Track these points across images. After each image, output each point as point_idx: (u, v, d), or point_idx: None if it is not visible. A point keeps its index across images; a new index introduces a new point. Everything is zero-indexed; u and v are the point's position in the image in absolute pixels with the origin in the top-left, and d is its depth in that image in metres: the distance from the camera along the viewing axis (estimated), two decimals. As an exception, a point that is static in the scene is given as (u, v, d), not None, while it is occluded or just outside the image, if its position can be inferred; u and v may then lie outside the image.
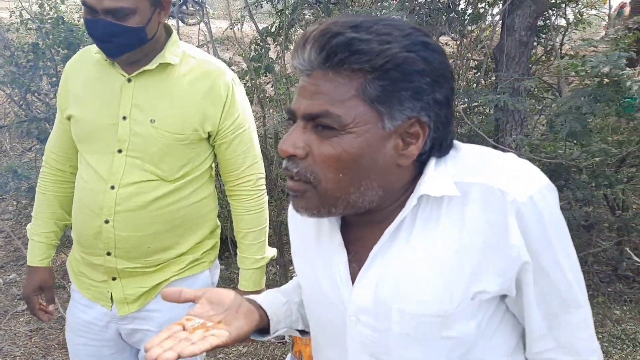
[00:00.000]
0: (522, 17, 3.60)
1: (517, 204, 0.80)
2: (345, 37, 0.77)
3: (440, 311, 0.82)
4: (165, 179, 1.52)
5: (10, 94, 4.36)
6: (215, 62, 1.59)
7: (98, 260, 1.56)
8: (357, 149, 0.79)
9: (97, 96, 1.51)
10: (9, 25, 4.52)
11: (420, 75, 0.79)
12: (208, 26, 3.85)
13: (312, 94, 0.80)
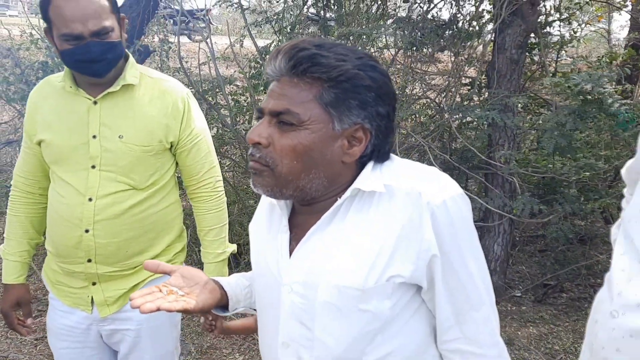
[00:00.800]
0: (512, 36, 3.71)
1: (431, 205, 0.96)
2: (309, 51, 0.95)
3: (359, 285, 0.97)
4: (136, 187, 1.66)
5: (20, 110, 4.51)
6: (169, 80, 1.75)
7: (79, 268, 1.67)
8: (310, 142, 0.97)
9: (66, 120, 1.64)
10: (20, 45, 4.67)
11: (367, 90, 0.97)
12: (210, 45, 3.99)
13: (279, 96, 0.98)
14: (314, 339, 1.02)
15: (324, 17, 4.47)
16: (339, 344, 1.00)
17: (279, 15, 4.29)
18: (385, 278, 0.97)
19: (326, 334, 1.00)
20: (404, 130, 4.13)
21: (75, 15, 1.48)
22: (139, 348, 1.76)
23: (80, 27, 1.49)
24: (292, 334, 1.04)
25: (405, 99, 4.16)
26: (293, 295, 1.02)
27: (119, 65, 1.63)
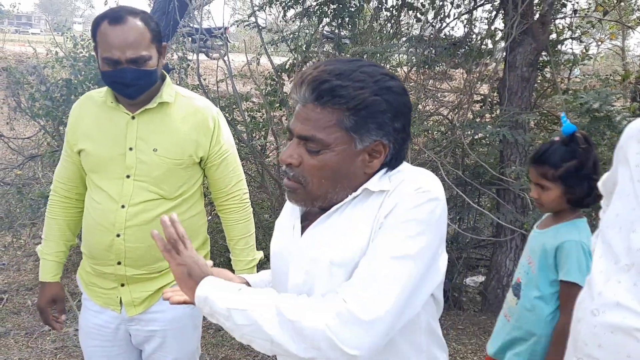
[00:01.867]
0: (523, 54, 3.78)
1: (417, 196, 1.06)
2: (330, 84, 1.05)
3: (343, 261, 1.08)
4: (166, 197, 1.78)
5: (44, 125, 4.66)
6: (201, 99, 1.87)
7: (109, 270, 1.79)
8: (335, 162, 1.09)
9: (106, 132, 1.77)
10: (45, 63, 4.85)
11: (383, 113, 1.08)
12: (227, 63, 4.12)
13: (304, 120, 1.09)
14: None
15: (338, 36, 4.58)
16: None
17: (294, 34, 4.41)
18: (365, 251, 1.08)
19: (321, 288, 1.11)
20: (416, 146, 4.20)
21: (116, 42, 1.62)
22: (163, 348, 1.86)
23: (119, 53, 1.63)
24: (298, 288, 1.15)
25: (417, 116, 4.23)
26: (300, 272, 1.14)
27: (156, 85, 1.75)
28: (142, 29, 1.65)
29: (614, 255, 1.02)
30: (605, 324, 0.99)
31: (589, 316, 1.02)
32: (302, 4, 4.43)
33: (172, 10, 4.69)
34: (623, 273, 1.00)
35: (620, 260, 1.00)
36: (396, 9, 4.76)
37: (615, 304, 0.98)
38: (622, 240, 1.01)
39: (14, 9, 17.72)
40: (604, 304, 1.00)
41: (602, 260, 1.04)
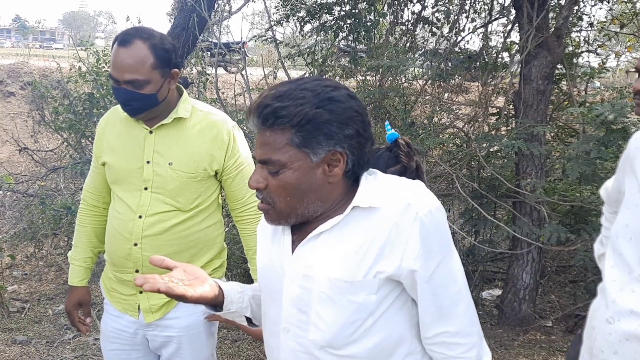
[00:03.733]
0: (538, 67, 3.79)
1: (420, 215, 1.11)
2: (271, 107, 1.10)
3: (349, 279, 1.13)
4: (181, 209, 1.84)
5: (67, 138, 4.78)
6: (218, 113, 1.92)
7: (128, 277, 1.86)
8: (296, 179, 1.13)
9: (126, 146, 1.85)
10: (68, 77, 4.98)
11: (328, 123, 1.11)
12: (245, 77, 4.20)
13: (261, 144, 1.14)
14: (309, 323, 1.17)
15: (354, 49, 4.64)
16: (329, 328, 1.15)
17: (310, 49, 4.48)
18: (372, 274, 1.12)
19: (319, 318, 1.16)
20: (432, 159, 4.22)
21: (117, 63, 1.70)
22: (179, 353, 1.91)
23: (117, 74, 1.71)
24: (291, 319, 1.19)
25: (432, 128, 4.26)
26: (294, 286, 1.18)
27: (170, 101, 1.81)
28: (144, 54, 1.69)
29: (626, 265, 1.04)
30: (620, 331, 1.01)
31: (604, 324, 1.05)
32: (318, 19, 4.50)
33: (191, 26, 4.80)
34: (636, 282, 1.02)
35: (634, 270, 1.03)
36: (412, 23, 4.81)
37: (630, 312, 1.01)
38: (634, 250, 1.03)
39: (39, 25, 18.16)
40: (619, 312, 1.02)
41: (615, 270, 1.06)
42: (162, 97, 1.77)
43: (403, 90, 4.45)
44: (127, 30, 1.79)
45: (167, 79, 1.77)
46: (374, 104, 4.41)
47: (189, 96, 1.92)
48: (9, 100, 9.32)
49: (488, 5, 4.69)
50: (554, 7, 4.03)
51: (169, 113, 1.82)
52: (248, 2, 5.12)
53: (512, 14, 4.38)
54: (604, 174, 3.07)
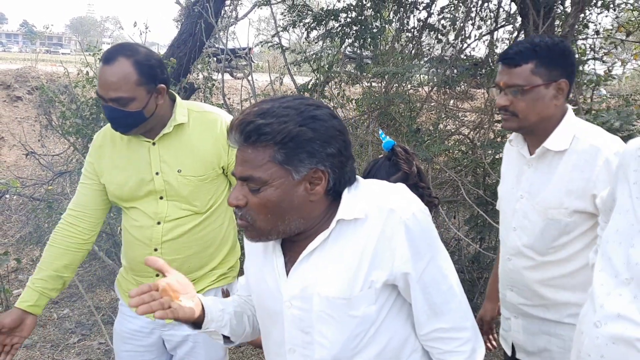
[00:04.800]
0: (544, 75, 3.78)
1: (403, 219, 1.13)
2: (255, 124, 1.09)
3: (347, 295, 1.14)
4: (198, 212, 1.86)
5: (74, 142, 4.80)
6: (213, 110, 1.92)
7: (149, 281, 1.85)
8: (277, 197, 1.12)
9: (132, 162, 1.84)
10: (76, 82, 5.01)
11: (311, 142, 1.10)
12: (251, 83, 4.22)
13: (242, 161, 1.13)
14: (313, 343, 1.18)
15: (360, 56, 4.66)
16: (334, 345, 1.17)
17: (316, 55, 4.50)
18: (368, 285, 1.14)
19: (323, 337, 1.17)
20: (437, 166, 4.22)
21: (102, 81, 1.70)
22: (194, 352, 1.93)
23: (102, 91, 1.71)
24: (295, 340, 1.20)
25: (438, 135, 4.26)
26: (293, 309, 1.19)
27: (161, 112, 1.79)
28: (127, 72, 1.68)
29: (613, 269, 1.05)
30: (607, 335, 1.02)
31: (591, 328, 1.06)
32: (325, 25, 4.52)
33: (198, 32, 4.83)
34: (624, 286, 1.03)
35: (621, 274, 1.04)
36: (417, 30, 4.82)
37: (617, 315, 1.01)
38: (622, 255, 1.04)
39: (47, 30, 18.32)
40: (606, 316, 1.03)
41: (603, 274, 1.08)
42: (150, 113, 1.75)
43: (409, 96, 4.46)
44: (112, 47, 1.78)
45: (154, 95, 1.75)
46: (379, 110, 4.42)
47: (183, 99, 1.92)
48: (16, 105, 9.38)
49: (494, 12, 4.70)
50: (559, 15, 4.04)
51: (165, 123, 1.82)
52: (255, 9, 5.15)
53: (518, 22, 4.39)
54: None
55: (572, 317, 1.66)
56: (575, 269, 1.65)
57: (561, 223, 1.62)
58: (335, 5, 4.68)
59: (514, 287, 1.79)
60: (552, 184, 1.64)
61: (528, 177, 1.71)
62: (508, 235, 1.77)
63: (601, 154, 1.55)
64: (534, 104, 1.61)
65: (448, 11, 4.64)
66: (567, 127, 1.64)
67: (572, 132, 1.63)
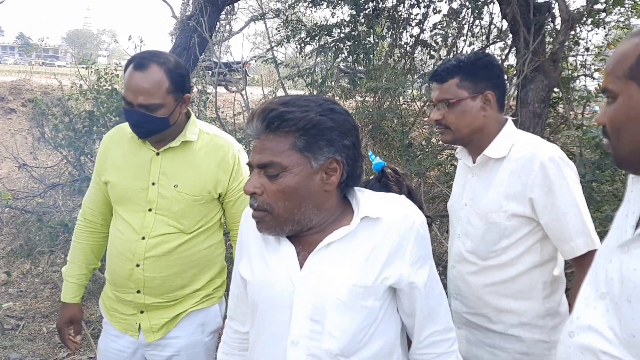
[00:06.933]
0: (535, 91, 3.83)
1: (416, 225, 1.21)
2: (278, 111, 1.15)
3: (363, 284, 1.17)
4: (184, 231, 1.84)
5: (66, 155, 4.79)
6: (224, 136, 1.94)
7: (129, 297, 1.86)
8: (296, 183, 1.16)
9: (132, 166, 1.85)
10: (69, 95, 5.02)
11: (330, 130, 1.16)
12: (244, 96, 4.23)
13: (261, 150, 1.16)
14: (323, 332, 1.18)
15: (354, 70, 4.69)
16: (344, 335, 1.17)
17: (310, 70, 4.53)
18: (380, 280, 1.18)
19: (334, 326, 1.17)
20: (429, 180, 4.24)
21: (132, 86, 1.72)
22: None
23: (132, 96, 1.72)
24: (302, 330, 1.19)
25: (430, 149, 4.28)
26: (308, 296, 1.18)
27: (179, 122, 1.83)
28: (160, 79, 1.71)
29: (596, 283, 1.09)
30: (577, 344, 1.06)
31: (566, 337, 1.10)
32: (318, 40, 4.56)
33: (193, 46, 4.86)
34: (600, 300, 1.06)
35: (600, 288, 1.07)
36: (410, 46, 4.87)
37: (588, 327, 1.05)
38: (603, 269, 1.08)
39: (42, 42, 18.36)
40: (579, 327, 1.07)
41: (587, 287, 1.12)
42: (174, 121, 1.79)
43: (401, 111, 4.49)
44: (143, 53, 1.81)
45: (180, 103, 1.79)
46: (372, 124, 4.44)
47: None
48: (10, 117, 9.37)
49: (485, 29, 4.75)
50: (550, 32, 4.09)
51: (176, 136, 1.83)
52: (249, 24, 5.19)
53: (509, 38, 4.44)
54: (600, 197, 3.08)
55: (516, 328, 1.71)
56: (517, 274, 1.69)
57: (501, 226, 1.68)
58: (329, 20, 4.73)
59: (458, 296, 1.82)
60: (492, 189, 1.71)
61: (471, 185, 1.78)
62: (453, 243, 1.83)
63: (537, 159, 1.62)
64: (462, 116, 1.70)
65: (440, 27, 4.69)
66: (506, 136, 1.72)
67: (511, 140, 1.70)
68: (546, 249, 1.69)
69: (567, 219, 1.60)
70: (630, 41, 1.02)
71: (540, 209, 1.62)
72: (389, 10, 4.66)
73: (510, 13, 3.90)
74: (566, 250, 1.63)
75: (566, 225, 1.60)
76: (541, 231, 1.66)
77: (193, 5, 5.47)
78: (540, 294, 1.70)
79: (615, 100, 1.02)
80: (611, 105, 1.04)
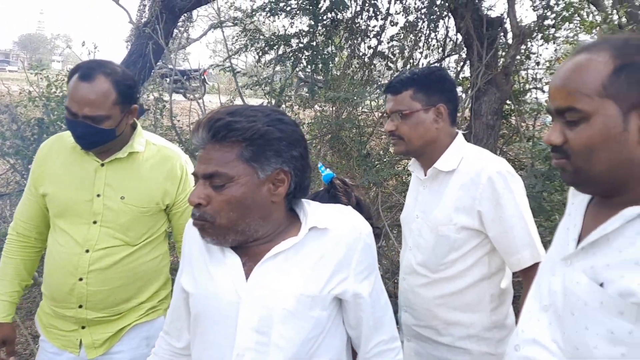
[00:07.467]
0: (488, 103, 3.93)
1: (363, 235, 1.22)
2: (224, 121, 1.13)
3: (311, 293, 1.17)
4: (130, 243, 1.80)
5: (14, 164, 4.61)
6: (171, 147, 1.91)
7: (70, 313, 1.78)
8: (242, 194, 1.14)
9: (74, 177, 1.78)
10: (18, 102, 4.84)
11: (278, 141, 1.15)
12: (201, 105, 4.18)
13: (207, 160, 1.15)
14: (269, 344, 1.15)
15: (313, 79, 4.70)
16: (291, 346, 1.16)
17: (267, 79, 4.51)
18: (327, 290, 1.18)
19: (281, 338, 1.16)
20: (387, 190, 4.27)
21: (77, 97, 1.66)
22: None
23: (76, 107, 1.67)
24: (248, 343, 1.16)
25: (388, 159, 4.32)
26: (254, 308, 1.16)
27: (125, 133, 1.78)
28: (107, 90, 1.67)
29: (539, 295, 1.10)
30: (522, 358, 1.07)
31: (512, 350, 1.11)
32: (276, 50, 4.55)
33: (148, 53, 4.77)
34: (543, 313, 1.07)
35: (543, 301, 1.08)
36: (368, 57, 4.92)
37: (532, 340, 1.06)
38: (546, 282, 1.09)
39: (-8, 46, 17.70)
40: (524, 340, 1.08)
41: (531, 300, 1.13)
42: (120, 132, 1.75)
43: (359, 122, 4.52)
44: (89, 63, 1.76)
45: (127, 114, 1.75)
46: (331, 134, 4.46)
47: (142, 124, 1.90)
48: (-45, 123, 8.97)
49: (441, 42, 4.85)
50: (502, 46, 4.21)
51: (122, 146, 1.79)
52: (207, 33, 5.15)
53: (464, 51, 4.54)
54: (550, 206, 3.17)
55: (463, 340, 1.73)
56: (465, 286, 1.71)
57: (450, 239, 1.69)
58: (288, 30, 4.74)
59: (408, 308, 1.83)
60: (442, 201, 1.73)
61: (423, 197, 1.80)
62: (404, 255, 1.84)
63: (485, 173, 1.64)
64: (415, 127, 1.72)
65: (397, 39, 4.76)
66: (456, 149, 1.74)
67: (461, 154, 1.73)
68: (494, 261, 1.71)
69: (514, 231, 1.63)
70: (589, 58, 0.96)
71: (488, 222, 1.64)
72: (347, 22, 4.70)
73: (464, 27, 4.00)
74: (513, 262, 1.66)
75: (513, 238, 1.63)
76: (489, 244, 1.69)
77: (149, 12, 5.39)
78: (488, 307, 1.72)
79: (586, 120, 0.95)
80: (581, 126, 0.95)
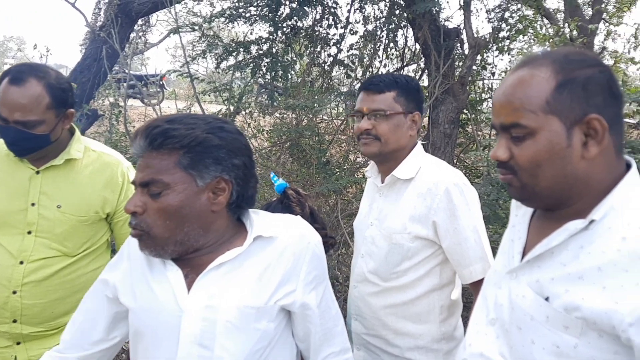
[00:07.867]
0: (445, 112, 3.99)
1: (312, 244, 1.21)
2: (161, 128, 1.11)
3: (256, 305, 1.14)
4: (68, 254, 1.72)
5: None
6: (112, 153, 1.85)
7: (3, 328, 1.69)
8: (179, 202, 1.11)
9: (7, 186, 1.69)
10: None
11: (218, 148, 1.13)
12: (158, 111, 4.10)
13: (144, 168, 1.12)
14: (213, 358, 1.12)
15: (273, 87, 4.68)
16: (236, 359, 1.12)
17: (226, 86, 4.47)
18: (273, 301, 1.16)
19: (224, 351, 1.12)
20: (346, 197, 4.28)
21: (7, 101, 1.58)
22: None
23: (7, 112, 1.58)
24: (190, 357, 1.12)
25: (348, 167, 4.33)
26: (195, 321, 1.13)
27: (62, 139, 1.70)
28: (39, 94, 1.60)
29: (487, 308, 1.10)
30: None
31: None
32: (235, 57, 4.51)
33: (103, 58, 4.66)
34: (490, 326, 1.07)
35: (489, 314, 1.08)
36: (328, 65, 4.93)
37: (480, 354, 1.06)
38: (492, 295, 1.08)
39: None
40: (472, 354, 1.07)
41: (477, 313, 1.13)
42: (55, 138, 1.68)
43: (319, 129, 4.52)
44: (20, 66, 1.67)
45: (62, 119, 1.68)
46: (290, 142, 4.44)
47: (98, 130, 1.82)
48: None
49: (400, 51, 4.91)
50: (459, 56, 4.29)
51: (59, 153, 1.71)
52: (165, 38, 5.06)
53: (422, 61, 4.61)
54: (505, 214, 3.23)
55: (412, 351, 1.73)
56: (416, 296, 1.71)
57: (404, 248, 1.69)
58: (247, 36, 4.70)
59: (358, 316, 1.82)
60: (398, 210, 1.72)
61: (379, 204, 1.79)
62: (356, 263, 1.83)
63: (442, 183, 1.65)
64: (394, 129, 1.70)
65: (357, 48, 4.79)
66: (415, 158, 1.74)
67: (419, 163, 1.73)
68: (445, 272, 1.72)
69: (468, 244, 1.63)
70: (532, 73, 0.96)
71: (442, 233, 1.65)
72: (307, 30, 4.70)
73: (422, 37, 4.05)
74: (465, 274, 1.67)
75: (466, 249, 1.64)
76: (442, 255, 1.69)
77: (105, 16, 5.26)
78: (437, 318, 1.72)
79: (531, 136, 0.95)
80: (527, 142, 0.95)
